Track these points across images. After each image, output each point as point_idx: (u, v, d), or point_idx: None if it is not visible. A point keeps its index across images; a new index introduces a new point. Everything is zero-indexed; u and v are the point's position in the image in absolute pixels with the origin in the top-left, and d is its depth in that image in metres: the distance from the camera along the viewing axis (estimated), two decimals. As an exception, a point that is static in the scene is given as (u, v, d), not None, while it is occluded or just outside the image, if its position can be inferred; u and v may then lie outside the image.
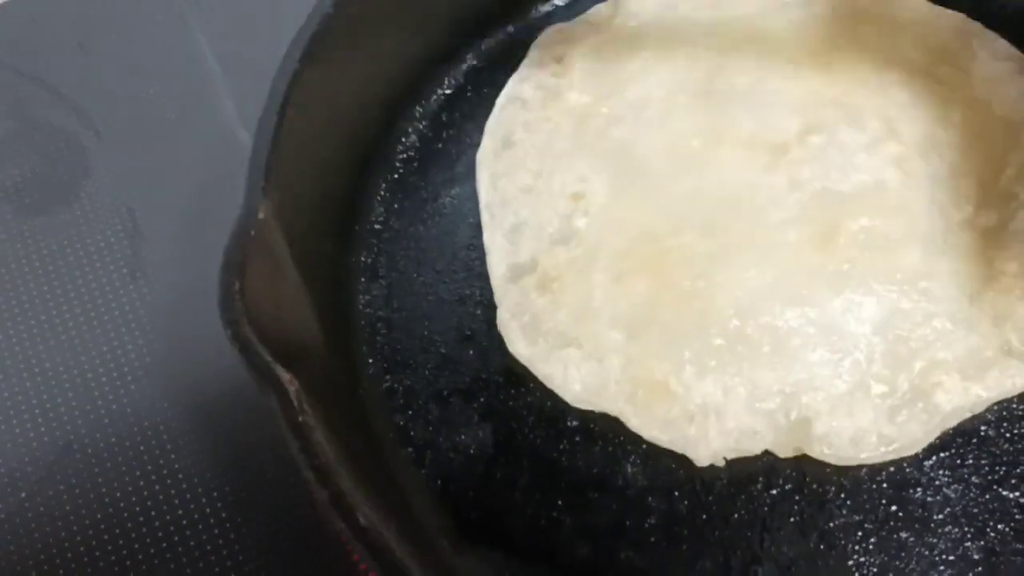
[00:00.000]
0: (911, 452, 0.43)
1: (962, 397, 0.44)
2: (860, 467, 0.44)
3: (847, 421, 0.44)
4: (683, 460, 0.44)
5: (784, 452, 0.44)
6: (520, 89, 0.55)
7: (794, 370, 0.44)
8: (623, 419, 0.45)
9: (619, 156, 0.51)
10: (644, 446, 0.44)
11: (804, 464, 0.44)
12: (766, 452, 0.44)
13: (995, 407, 0.45)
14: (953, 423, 0.44)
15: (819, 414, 0.44)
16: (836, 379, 0.44)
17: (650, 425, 0.44)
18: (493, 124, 0.54)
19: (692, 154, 0.50)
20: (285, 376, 0.36)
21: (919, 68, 0.52)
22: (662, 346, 0.45)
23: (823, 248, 0.46)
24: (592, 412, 0.45)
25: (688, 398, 0.44)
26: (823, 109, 0.50)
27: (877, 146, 0.49)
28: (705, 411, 0.44)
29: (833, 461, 0.43)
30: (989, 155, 0.49)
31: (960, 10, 0.55)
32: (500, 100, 0.55)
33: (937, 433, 0.44)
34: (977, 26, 0.54)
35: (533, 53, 0.56)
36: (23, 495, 0.49)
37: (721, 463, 0.44)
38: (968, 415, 0.44)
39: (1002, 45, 0.54)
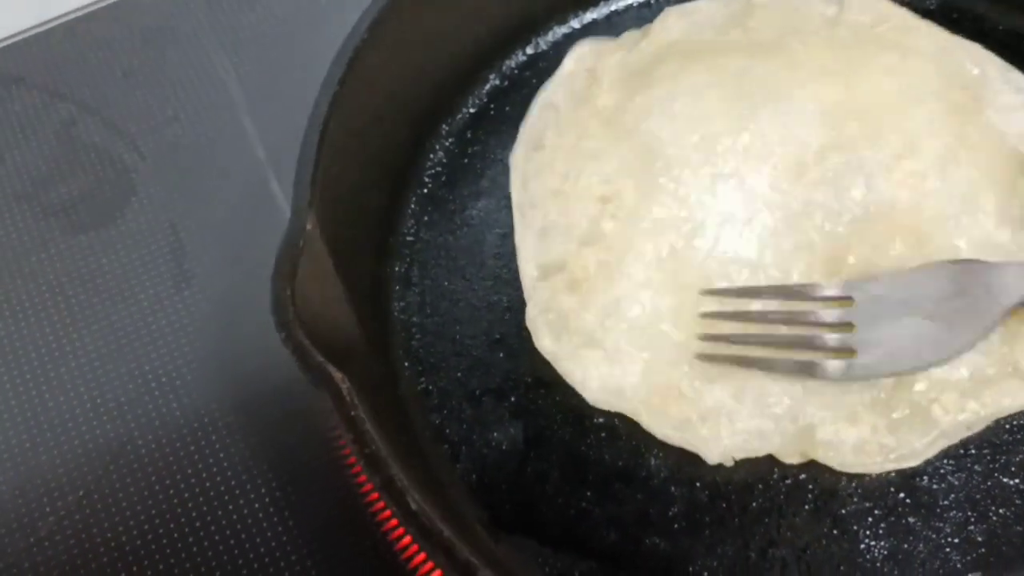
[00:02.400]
0: (911, 464, 0.46)
1: (958, 413, 0.46)
2: (869, 458, 0.46)
3: (851, 430, 0.46)
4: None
5: (790, 458, 0.46)
6: (552, 96, 0.58)
7: (799, 380, 0.47)
8: (637, 419, 0.47)
9: (643, 153, 0.53)
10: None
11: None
12: (772, 457, 0.46)
13: (996, 400, 0.47)
14: (955, 440, 0.46)
15: (823, 421, 0.46)
16: (840, 391, 0.46)
17: (663, 424, 0.47)
18: (525, 129, 0.57)
19: (717, 157, 0.52)
20: (337, 374, 0.39)
21: (936, 91, 0.53)
22: (678, 354, 0.48)
23: (834, 270, 0.49)
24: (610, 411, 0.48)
25: (700, 401, 0.47)
26: (846, 124, 0.52)
27: (897, 162, 0.50)
28: (717, 413, 0.47)
29: (836, 467, 0.46)
30: (1004, 179, 0.51)
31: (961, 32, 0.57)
32: (532, 108, 0.58)
33: (938, 447, 0.46)
34: (994, 57, 0.55)
35: (566, 64, 0.59)
36: (81, 493, 0.51)
37: (730, 462, 0.46)
38: (966, 432, 0.46)
39: (1016, 77, 0.55)
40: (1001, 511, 0.45)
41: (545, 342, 0.50)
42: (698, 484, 0.46)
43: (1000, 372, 0.46)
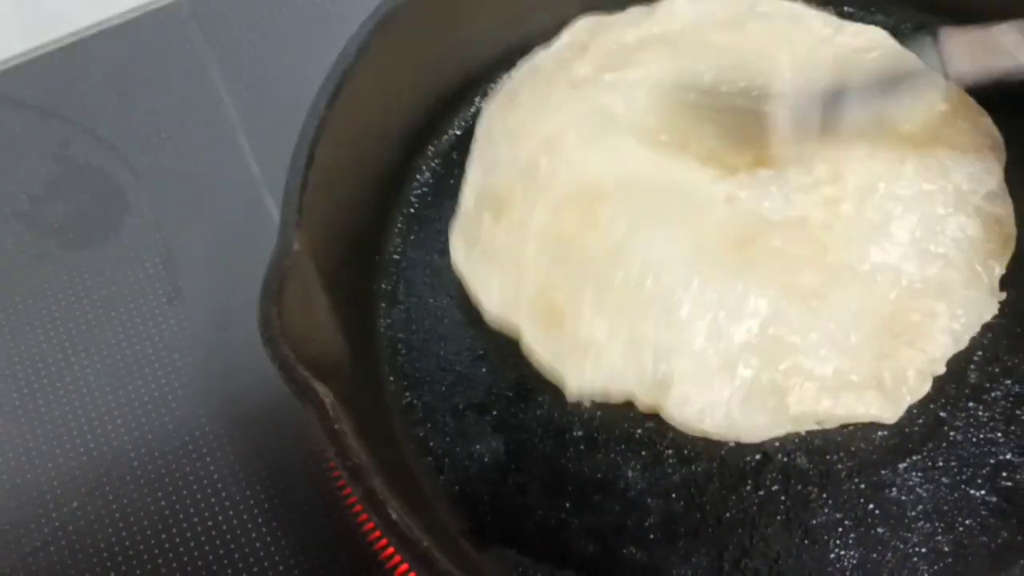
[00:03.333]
0: (751, 439, 0.47)
1: (811, 404, 0.47)
2: (840, 470, 0.47)
3: (704, 393, 0.47)
4: (678, 464, 0.48)
5: (643, 406, 0.48)
6: (540, 61, 0.60)
7: (674, 332, 0.48)
8: (522, 334, 0.50)
9: (597, 118, 0.55)
10: (643, 453, 0.49)
11: (789, 468, 0.47)
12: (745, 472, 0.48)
13: (962, 415, 0.48)
14: (800, 428, 0.47)
15: (682, 377, 0.47)
16: (709, 352, 0.48)
17: (541, 343, 0.49)
18: (506, 84, 0.59)
19: (657, 144, 0.54)
20: (321, 388, 0.40)
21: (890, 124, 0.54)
22: (572, 280, 0.50)
23: (738, 249, 0.50)
24: (592, 422, 0.49)
25: (578, 329, 0.49)
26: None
27: (817, 187, 0.52)
28: (588, 345, 0.48)
29: (677, 425, 0.47)
30: (931, 204, 0.52)
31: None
32: (520, 68, 0.60)
33: (781, 431, 0.47)
34: (968, 99, 0.56)
35: (563, 36, 0.61)
36: (74, 504, 0.53)
37: (587, 404, 0.49)
38: (815, 426, 0.47)
39: (985, 122, 0.55)
40: (968, 522, 0.46)
41: (458, 255, 0.53)
42: (674, 495, 0.47)
43: (863, 382, 0.48)
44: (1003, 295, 0.50)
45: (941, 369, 0.49)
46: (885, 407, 0.47)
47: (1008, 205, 0.53)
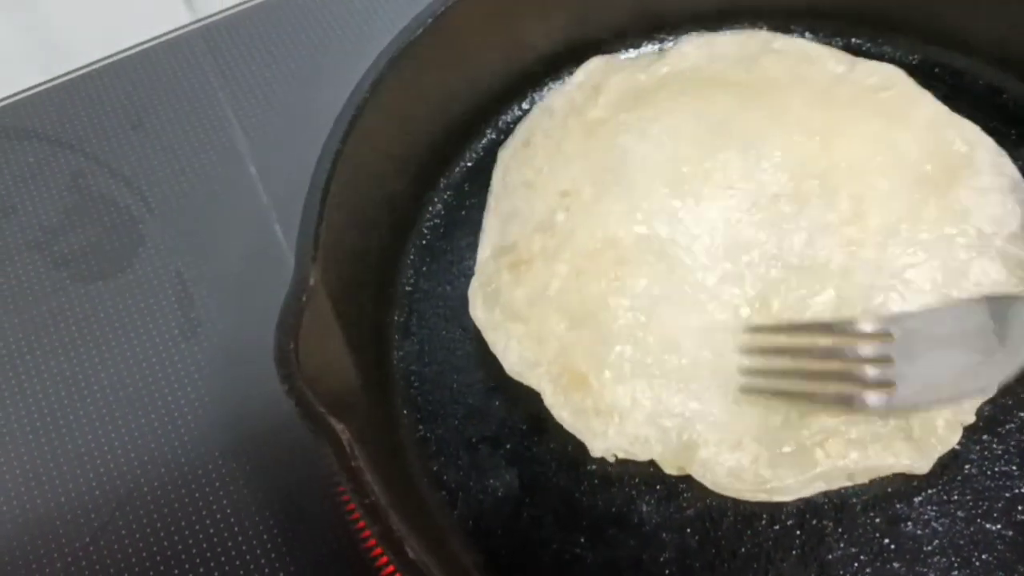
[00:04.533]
0: (783, 498, 0.47)
1: (838, 458, 0.47)
2: (855, 504, 0.47)
3: (731, 455, 0.47)
4: (693, 499, 0.48)
5: (669, 468, 0.48)
6: (552, 102, 0.60)
7: (697, 401, 0.48)
8: (543, 395, 0.50)
9: (613, 161, 0.55)
10: (658, 487, 0.49)
11: (804, 503, 0.47)
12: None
13: (977, 448, 0.48)
14: (833, 486, 0.47)
15: (708, 443, 0.47)
16: (734, 420, 0.48)
17: (561, 407, 0.49)
18: (520, 128, 0.60)
19: (679, 178, 0.54)
20: (338, 425, 0.41)
21: (911, 164, 0.54)
22: (594, 345, 0.50)
23: (757, 311, 0.51)
24: (606, 460, 0.49)
25: (601, 395, 0.49)
26: (806, 180, 0.54)
27: (840, 228, 0.52)
28: (612, 410, 0.49)
29: (709, 486, 0.47)
30: (951, 259, 0.51)
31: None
32: (533, 110, 0.61)
33: (814, 489, 0.47)
34: (987, 139, 0.55)
35: (576, 76, 0.61)
36: (87, 539, 0.53)
37: (612, 459, 0.48)
38: (847, 482, 0.47)
39: (1005, 161, 0.55)
40: (984, 556, 0.46)
41: (478, 311, 0.53)
42: (688, 530, 0.48)
43: (891, 433, 0.48)
44: None
45: (970, 419, 0.48)
46: (915, 457, 0.47)
47: None
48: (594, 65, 0.62)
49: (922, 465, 0.47)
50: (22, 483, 0.55)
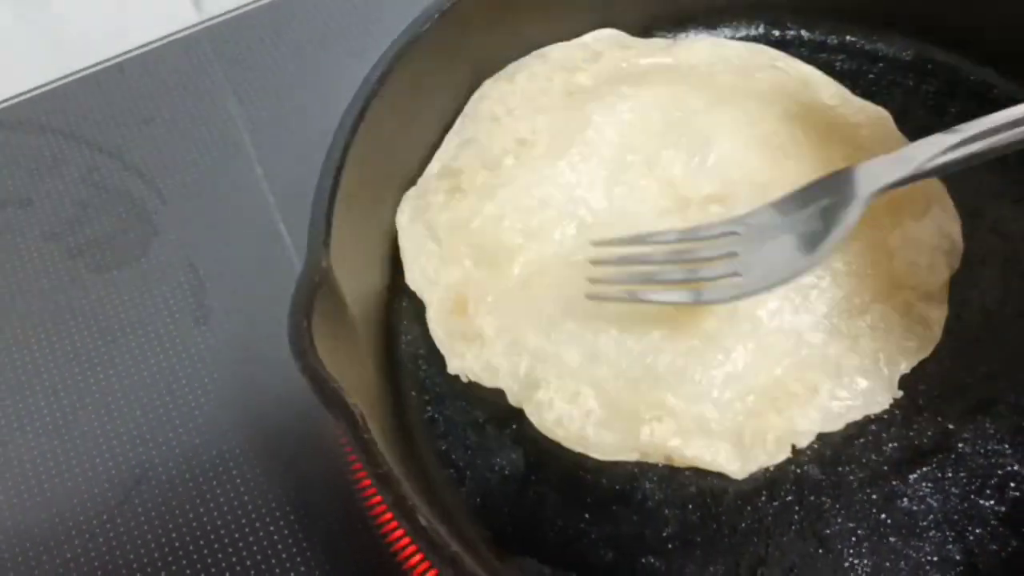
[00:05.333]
0: (599, 456, 0.49)
1: (660, 439, 0.48)
2: (852, 481, 0.48)
3: (564, 404, 0.49)
4: (694, 476, 0.49)
5: (513, 401, 0.50)
6: (551, 50, 0.62)
7: (553, 345, 0.50)
8: (427, 309, 0.53)
9: (574, 127, 0.56)
10: (660, 465, 0.50)
11: (802, 479, 0.49)
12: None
13: (970, 428, 0.49)
14: (649, 459, 0.49)
15: (548, 386, 0.50)
16: (581, 370, 0.50)
17: (437, 324, 0.53)
18: (512, 64, 0.61)
19: (623, 164, 0.55)
20: (351, 400, 0.42)
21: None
22: (485, 282, 0.52)
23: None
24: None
25: (472, 321, 0.52)
26: (743, 186, 0.54)
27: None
28: (476, 336, 0.51)
29: (536, 425, 0.50)
30: (860, 287, 0.52)
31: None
32: (538, 51, 0.62)
33: (629, 456, 0.49)
34: (941, 189, 0.55)
35: (584, 38, 0.62)
36: (104, 517, 0.54)
37: (464, 379, 0.51)
38: (664, 460, 0.49)
39: (953, 229, 0.54)
40: (978, 531, 0.47)
41: (403, 218, 0.56)
42: (690, 506, 0.49)
43: (721, 433, 0.48)
44: (900, 393, 0.50)
45: (803, 442, 0.49)
46: (733, 461, 0.48)
47: (943, 310, 0.52)
48: (606, 33, 0.63)
49: (737, 470, 0.48)
50: (40, 467, 0.56)
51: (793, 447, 0.49)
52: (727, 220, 0.50)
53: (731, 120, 0.57)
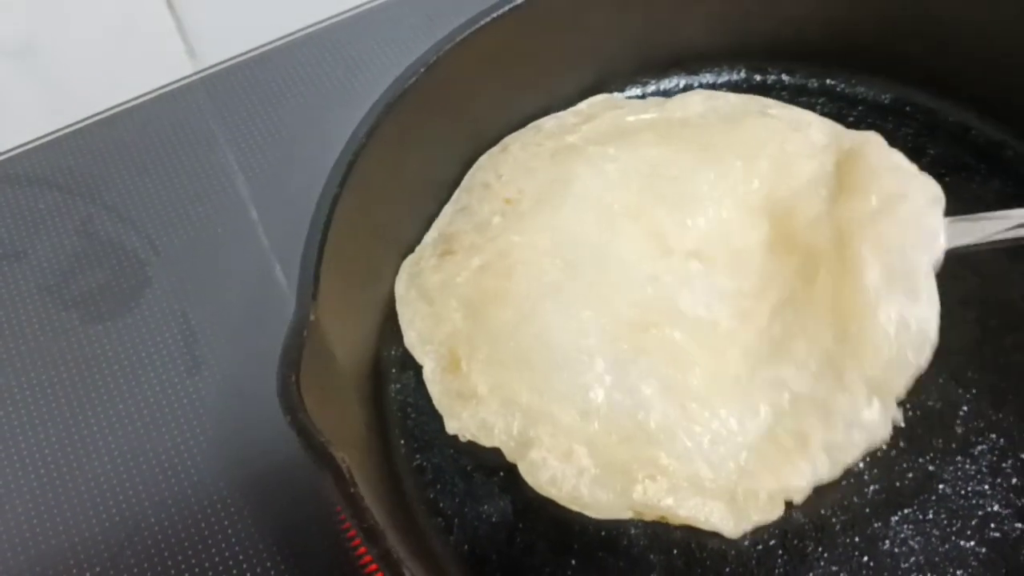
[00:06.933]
0: (596, 515, 0.48)
1: (654, 499, 0.47)
2: (835, 524, 0.49)
3: (558, 463, 0.48)
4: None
5: (509, 458, 0.49)
6: (545, 121, 0.63)
7: (546, 402, 0.50)
8: (423, 370, 0.52)
9: (560, 182, 0.57)
10: (646, 512, 0.51)
11: (786, 523, 0.49)
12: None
13: (951, 469, 0.50)
14: (644, 517, 0.48)
15: (542, 445, 0.49)
16: (575, 428, 0.49)
17: (433, 384, 0.52)
18: (507, 137, 0.63)
19: (609, 214, 0.56)
20: (338, 454, 0.42)
21: (826, 252, 0.53)
22: (476, 335, 0.53)
23: (635, 332, 0.52)
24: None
25: (467, 379, 0.51)
26: (720, 247, 0.55)
27: (738, 298, 0.53)
28: (472, 395, 0.51)
29: (531, 484, 0.48)
30: (821, 335, 0.51)
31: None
32: (533, 123, 0.63)
33: (624, 515, 0.47)
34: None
35: (579, 105, 0.64)
36: (98, 570, 0.55)
37: (463, 439, 0.50)
38: (659, 519, 0.47)
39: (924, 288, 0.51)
40: (959, 572, 0.47)
41: (399, 286, 0.56)
42: (675, 551, 0.49)
43: (715, 492, 0.47)
44: (901, 424, 0.49)
45: (799, 498, 0.48)
46: (727, 520, 0.47)
47: None
48: (598, 99, 0.64)
49: (731, 530, 0.47)
50: (35, 518, 0.57)
51: (788, 503, 0.48)
52: None
53: (716, 180, 0.57)
